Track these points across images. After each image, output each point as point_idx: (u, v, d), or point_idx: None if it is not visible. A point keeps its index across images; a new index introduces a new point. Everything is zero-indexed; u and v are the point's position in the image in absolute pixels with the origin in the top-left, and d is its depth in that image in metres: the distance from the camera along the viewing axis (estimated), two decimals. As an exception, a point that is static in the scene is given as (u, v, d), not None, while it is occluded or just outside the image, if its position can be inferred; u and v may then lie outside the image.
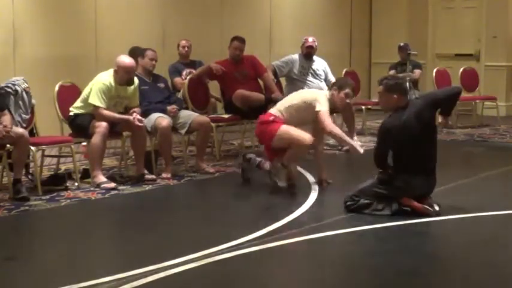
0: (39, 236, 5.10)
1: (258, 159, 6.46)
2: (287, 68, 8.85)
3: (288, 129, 6.15)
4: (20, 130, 5.95)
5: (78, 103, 6.59)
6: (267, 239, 4.69)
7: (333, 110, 8.84)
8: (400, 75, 10.11)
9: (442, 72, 10.96)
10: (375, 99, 10.75)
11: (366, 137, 9.51)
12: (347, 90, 6.24)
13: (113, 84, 6.54)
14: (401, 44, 10.37)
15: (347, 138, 6.30)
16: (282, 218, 5.20)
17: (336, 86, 6.31)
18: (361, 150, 6.05)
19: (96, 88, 6.48)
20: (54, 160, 6.92)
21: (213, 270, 4.16)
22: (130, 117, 6.52)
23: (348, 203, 5.38)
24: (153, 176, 6.65)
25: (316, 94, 6.43)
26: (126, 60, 6.58)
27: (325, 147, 8.65)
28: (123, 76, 6.55)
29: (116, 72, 6.56)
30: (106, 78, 6.55)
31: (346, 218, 5.25)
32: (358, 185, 5.47)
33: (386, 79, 5.54)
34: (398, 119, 5.29)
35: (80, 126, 6.49)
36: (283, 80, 9.05)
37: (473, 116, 10.98)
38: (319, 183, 6.38)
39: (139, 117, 6.55)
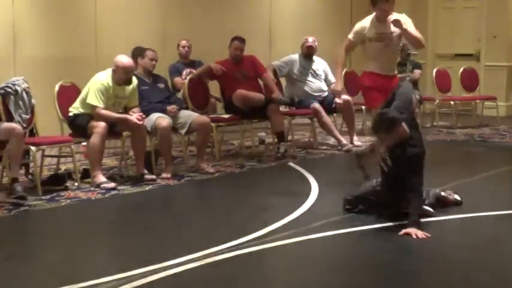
0: (39, 236, 5.10)
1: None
2: (287, 68, 8.86)
3: None
4: (12, 124, 5.91)
5: (77, 103, 6.59)
6: (267, 239, 4.69)
7: (333, 110, 8.94)
8: (400, 75, 10.13)
9: (442, 72, 10.97)
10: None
11: (365, 137, 9.51)
12: (380, 5, 6.12)
13: (110, 84, 6.54)
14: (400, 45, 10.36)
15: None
16: (282, 218, 5.20)
17: (372, 5, 6.21)
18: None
19: (94, 88, 6.48)
20: (54, 160, 6.91)
21: (213, 270, 4.16)
22: (129, 116, 6.53)
23: (347, 207, 5.38)
24: (153, 176, 6.65)
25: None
26: (124, 60, 6.58)
27: (324, 147, 8.69)
28: (122, 76, 6.55)
29: (114, 71, 6.57)
30: (104, 78, 6.55)
31: (346, 218, 5.25)
32: (357, 188, 5.45)
33: (381, 121, 5.06)
34: (419, 145, 5.10)
35: (79, 127, 6.49)
36: (283, 80, 9.06)
37: (473, 116, 10.98)
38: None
39: (139, 114, 6.55)
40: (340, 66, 6.39)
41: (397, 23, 6.04)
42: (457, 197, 5.62)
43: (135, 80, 6.77)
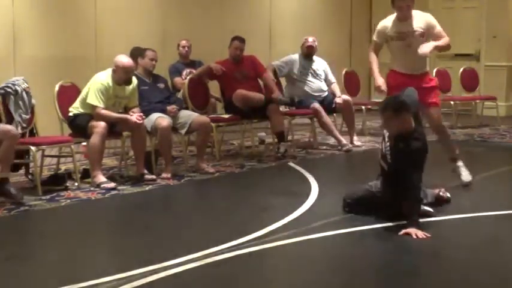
0: (39, 236, 5.10)
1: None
2: (287, 68, 8.86)
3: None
4: (8, 126, 5.85)
5: (77, 103, 6.60)
6: (267, 239, 4.69)
7: (333, 110, 8.94)
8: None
9: (442, 72, 10.96)
10: (375, 99, 10.75)
11: (365, 137, 9.52)
12: (396, 3, 6.03)
13: (110, 84, 6.54)
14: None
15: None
16: (282, 218, 5.20)
17: (391, 4, 6.12)
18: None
19: (94, 88, 6.48)
20: (54, 160, 6.91)
21: (213, 270, 4.16)
22: (129, 116, 6.53)
23: (346, 209, 5.38)
24: (153, 176, 6.65)
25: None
26: (124, 60, 6.58)
27: (324, 147, 8.69)
28: (122, 76, 6.55)
29: (114, 71, 6.57)
30: (104, 78, 6.55)
31: (346, 218, 5.25)
32: (355, 190, 5.45)
33: (391, 101, 5.07)
34: (422, 139, 5.06)
35: (79, 127, 6.49)
36: (283, 80, 9.06)
37: (473, 116, 10.98)
38: None
39: (139, 114, 6.55)
40: (375, 64, 6.27)
41: (431, 50, 6.03)
42: (448, 194, 5.65)
43: (135, 80, 6.77)
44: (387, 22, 6.23)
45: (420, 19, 6.18)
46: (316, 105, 8.60)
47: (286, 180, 6.90)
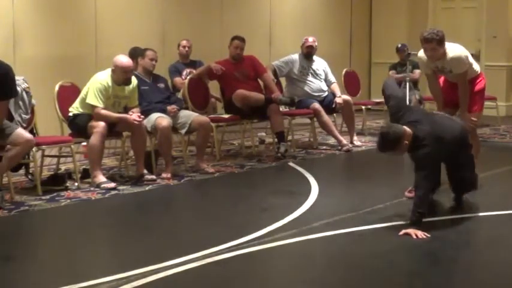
0: (39, 236, 5.10)
1: None
2: (287, 68, 8.85)
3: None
4: (26, 135, 5.82)
5: (76, 103, 6.59)
6: (267, 239, 4.69)
7: (333, 110, 8.95)
8: (400, 75, 10.10)
9: (442, 72, 10.95)
10: (375, 99, 10.75)
11: (365, 136, 9.51)
12: (422, 44, 6.06)
13: (110, 84, 6.54)
14: (399, 45, 10.38)
15: None
16: (282, 218, 5.20)
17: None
18: None
19: (94, 88, 6.48)
20: (54, 160, 6.91)
21: (213, 270, 4.16)
22: (128, 115, 6.52)
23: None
24: (153, 176, 6.65)
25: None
26: (123, 60, 6.58)
27: (324, 147, 8.69)
28: (121, 76, 6.55)
29: (113, 71, 6.56)
30: (103, 77, 6.55)
31: (346, 218, 5.25)
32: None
33: (384, 142, 4.99)
34: (427, 143, 5.02)
35: (79, 127, 6.49)
36: (283, 80, 9.07)
37: (473, 115, 10.96)
38: None
39: (137, 114, 6.54)
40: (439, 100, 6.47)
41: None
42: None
43: (135, 80, 6.77)
44: (424, 56, 6.22)
45: (450, 61, 6.26)
46: (316, 105, 8.60)
47: (286, 180, 6.90)
